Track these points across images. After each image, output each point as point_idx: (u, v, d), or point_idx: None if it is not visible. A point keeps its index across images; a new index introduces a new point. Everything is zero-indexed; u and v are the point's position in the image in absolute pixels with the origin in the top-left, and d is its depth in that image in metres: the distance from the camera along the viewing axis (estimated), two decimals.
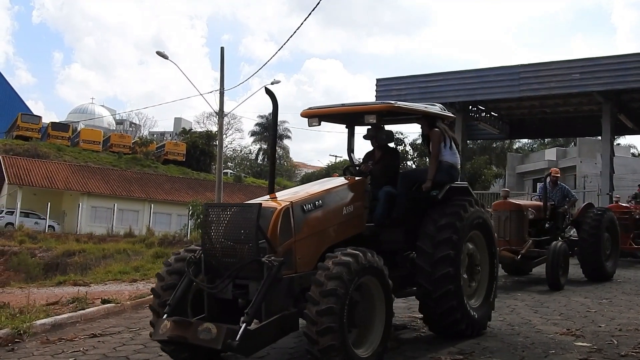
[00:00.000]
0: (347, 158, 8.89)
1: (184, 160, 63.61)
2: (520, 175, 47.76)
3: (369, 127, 8.04)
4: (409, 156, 48.00)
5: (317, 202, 6.48)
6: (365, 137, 8.18)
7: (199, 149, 65.51)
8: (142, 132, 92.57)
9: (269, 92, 6.77)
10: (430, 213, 7.58)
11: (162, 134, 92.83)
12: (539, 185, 16.04)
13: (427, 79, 29.27)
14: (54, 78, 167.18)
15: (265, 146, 76.14)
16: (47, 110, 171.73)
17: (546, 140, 58.39)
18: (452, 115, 8.45)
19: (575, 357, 6.88)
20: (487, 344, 7.59)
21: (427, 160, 8.70)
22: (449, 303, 7.24)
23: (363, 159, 8.46)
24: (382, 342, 6.05)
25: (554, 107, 29.72)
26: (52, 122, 63.80)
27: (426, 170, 7.95)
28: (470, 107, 29.91)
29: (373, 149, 8.34)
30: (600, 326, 8.71)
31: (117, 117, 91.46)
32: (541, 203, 14.00)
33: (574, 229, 14.96)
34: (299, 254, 6.09)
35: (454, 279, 7.25)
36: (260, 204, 5.80)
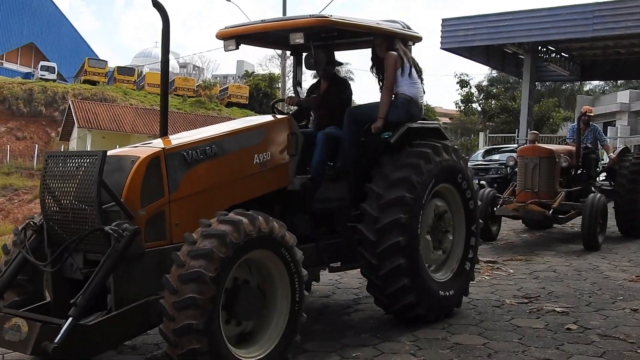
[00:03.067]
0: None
1: (247, 102, 63.81)
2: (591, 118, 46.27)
3: (311, 52, 6.23)
4: (475, 98, 46.99)
5: (207, 149, 4.92)
6: (306, 65, 6.65)
7: (261, 92, 65.60)
8: (205, 75, 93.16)
9: (156, 5, 5.12)
10: (383, 163, 5.87)
11: (225, 76, 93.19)
12: (570, 126, 14.10)
13: (496, 18, 28.23)
14: (117, 22, 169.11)
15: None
16: (112, 54, 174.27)
17: (619, 82, 56.32)
18: (417, 34, 6.55)
19: None
20: (553, 289, 7.50)
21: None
22: (399, 282, 5.60)
23: (307, 93, 7.04)
24: (283, 338, 4.53)
25: (629, 47, 28.50)
26: (117, 67, 64.73)
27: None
28: (540, 47, 29.01)
29: (318, 80, 6.87)
30: None
31: (181, 61, 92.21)
32: (573, 147, 11.98)
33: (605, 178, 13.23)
34: (177, 218, 4.61)
35: (406, 251, 5.58)
36: (105, 151, 4.31)
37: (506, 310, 6.50)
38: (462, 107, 47.57)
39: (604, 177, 13.28)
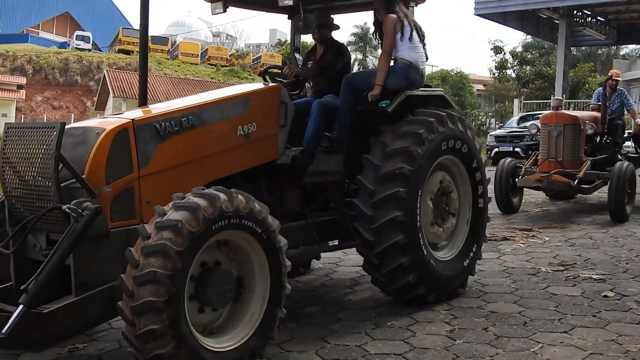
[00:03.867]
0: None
1: (280, 72, 63.83)
2: (627, 83, 45.42)
3: (302, 16, 5.93)
4: (509, 65, 46.32)
5: (184, 120, 4.57)
6: (295, 29, 6.22)
7: None
8: (238, 44, 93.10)
9: None
10: (382, 133, 5.48)
11: (258, 45, 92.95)
12: (596, 91, 12.90)
13: None
14: None
15: (360, 56, 75.23)
16: None
17: None
18: None
19: None
20: (589, 256, 7.48)
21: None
22: (397, 260, 5.24)
23: (303, 60, 6.59)
24: (257, 332, 4.13)
25: None
26: (152, 36, 64.80)
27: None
28: (575, 11, 28.46)
29: (314, 46, 6.43)
30: None
31: (214, 30, 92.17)
32: (598, 114, 11.39)
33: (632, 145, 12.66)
34: (149, 195, 4.27)
35: (405, 227, 5.22)
36: (63, 123, 3.96)
37: (542, 278, 6.49)
38: (496, 74, 46.98)
39: (631, 145, 12.78)
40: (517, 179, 10.81)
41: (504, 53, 46.23)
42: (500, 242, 8.38)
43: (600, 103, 11.56)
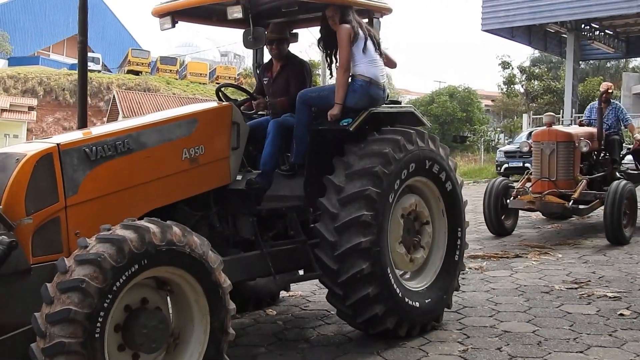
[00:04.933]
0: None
1: None
2: (637, 96, 45.31)
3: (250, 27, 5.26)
4: (517, 80, 46.28)
5: (119, 144, 4.19)
6: (244, 43, 5.46)
7: None
8: (245, 63, 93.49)
9: None
10: (345, 153, 5.12)
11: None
12: (589, 105, 12.00)
13: None
14: None
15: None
16: (154, 44, 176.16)
17: None
18: (383, 4, 5.69)
19: None
20: (603, 273, 7.36)
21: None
22: (362, 291, 4.83)
23: (258, 76, 6.09)
24: None
25: None
26: (160, 57, 65.35)
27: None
28: (583, 25, 28.42)
29: (270, 60, 6.00)
30: None
31: (222, 50, 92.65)
32: (594, 130, 10.59)
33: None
34: (77, 226, 3.91)
35: (371, 254, 4.82)
36: None
37: (555, 296, 6.38)
38: (504, 89, 46.90)
39: (631, 161, 12.04)
40: (508, 200, 10.12)
41: (512, 68, 46.22)
42: (512, 260, 8.30)
43: (591, 118, 11.06)
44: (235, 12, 5.00)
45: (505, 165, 22.55)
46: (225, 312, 3.82)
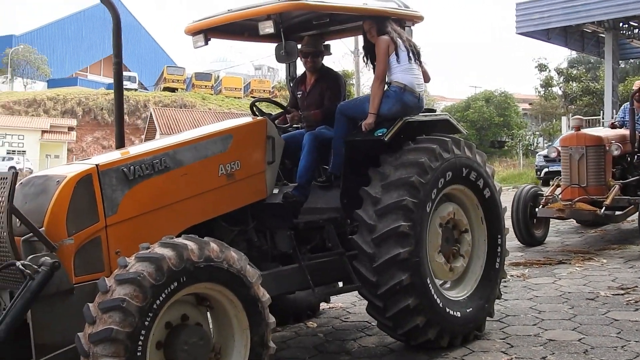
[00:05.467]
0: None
1: None
2: None
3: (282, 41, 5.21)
4: (555, 82, 45.70)
5: (156, 163, 4.27)
6: (277, 58, 5.36)
7: None
8: (279, 75, 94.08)
9: (105, 2, 4.67)
10: (381, 164, 5.09)
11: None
12: (622, 106, 11.15)
13: None
14: None
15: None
16: (188, 61, 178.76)
17: None
18: (416, 13, 5.66)
19: None
20: None
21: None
22: (402, 302, 4.79)
23: (292, 89, 6.10)
24: None
25: None
26: (195, 73, 66.14)
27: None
28: (621, 24, 27.93)
29: (303, 73, 5.97)
30: None
31: (256, 63, 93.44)
32: (626, 132, 10.04)
33: None
34: (118, 245, 3.98)
35: (409, 265, 4.78)
36: (15, 173, 3.69)
37: (601, 303, 6.23)
38: (541, 92, 46.34)
39: None
40: (537, 209, 9.64)
41: (549, 70, 45.66)
42: (555, 266, 8.15)
43: (625, 119, 10.50)
44: (267, 28, 4.99)
45: (545, 170, 22.15)
46: (265, 325, 3.82)
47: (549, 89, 46.07)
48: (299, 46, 5.56)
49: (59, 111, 55.30)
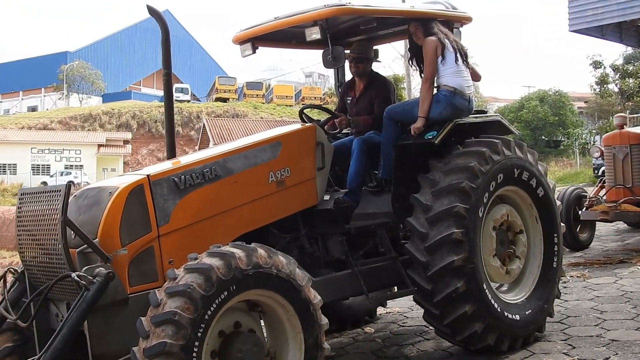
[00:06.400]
0: None
1: None
2: None
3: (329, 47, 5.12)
4: (610, 79, 44.72)
5: (206, 171, 4.31)
6: (324, 64, 5.24)
7: None
8: (330, 82, 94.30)
9: (153, 12, 4.75)
10: (430, 169, 5.03)
11: None
12: None
13: None
14: None
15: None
16: (240, 70, 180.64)
17: None
18: (464, 14, 5.60)
19: None
20: None
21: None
22: (459, 309, 4.76)
23: (341, 95, 6.05)
24: None
25: None
26: (247, 82, 66.79)
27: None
28: None
29: (352, 79, 5.93)
30: None
31: (306, 71, 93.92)
32: None
33: None
34: (171, 254, 4.01)
35: (464, 272, 4.73)
36: (69, 185, 3.70)
37: None
38: (597, 90, 45.39)
39: None
40: (581, 211, 9.24)
41: (604, 67, 44.72)
42: (616, 266, 7.99)
43: None
44: (314, 34, 4.98)
45: (603, 168, 21.70)
46: (318, 327, 3.83)
47: (605, 86, 45.11)
48: (347, 51, 5.53)
49: (114, 125, 56.60)
